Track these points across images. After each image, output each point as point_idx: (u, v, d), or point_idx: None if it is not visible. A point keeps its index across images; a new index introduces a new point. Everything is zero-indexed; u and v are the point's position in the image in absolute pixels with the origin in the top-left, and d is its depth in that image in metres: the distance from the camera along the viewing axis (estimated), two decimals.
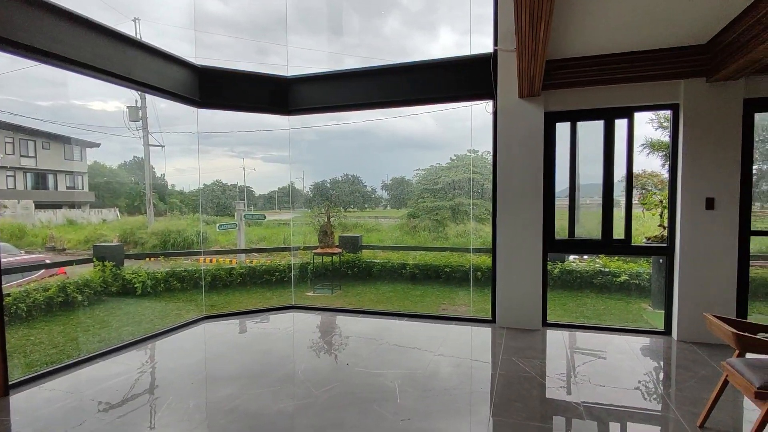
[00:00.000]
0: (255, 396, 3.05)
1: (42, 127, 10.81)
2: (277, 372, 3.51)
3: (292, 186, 12.83)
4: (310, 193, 13.47)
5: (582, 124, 4.42)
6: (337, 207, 9.58)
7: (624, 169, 4.31)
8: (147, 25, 10.55)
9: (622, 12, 3.43)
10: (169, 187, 13.59)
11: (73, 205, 11.42)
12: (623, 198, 4.35)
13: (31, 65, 3.58)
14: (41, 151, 10.97)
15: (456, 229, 11.11)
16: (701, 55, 3.81)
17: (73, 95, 12.04)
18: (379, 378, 3.33)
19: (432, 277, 8.20)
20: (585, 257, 7.72)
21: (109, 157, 13.44)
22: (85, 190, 11.80)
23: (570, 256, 7.72)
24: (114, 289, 7.20)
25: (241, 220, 9.92)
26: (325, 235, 7.95)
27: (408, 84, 4.95)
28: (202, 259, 9.97)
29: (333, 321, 5.17)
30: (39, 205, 10.45)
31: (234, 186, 14.50)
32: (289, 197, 13.27)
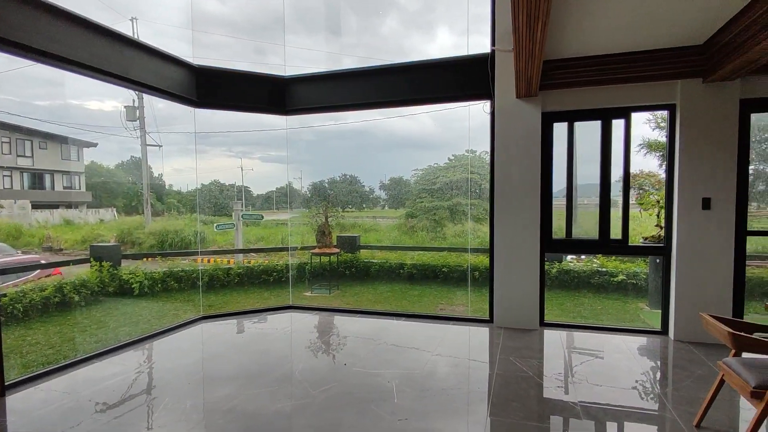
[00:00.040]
0: (252, 396, 3.05)
1: (39, 126, 10.78)
2: (275, 372, 3.50)
3: (290, 186, 12.82)
4: (308, 193, 13.46)
5: (579, 125, 4.44)
6: (335, 207, 9.58)
7: (621, 169, 4.32)
8: (144, 25, 10.54)
9: (620, 12, 3.44)
10: (166, 187, 13.56)
11: (70, 205, 11.37)
12: (620, 198, 4.36)
13: (28, 65, 3.57)
14: (38, 150, 10.92)
15: (454, 229, 11.12)
16: (698, 55, 3.83)
17: (70, 95, 11.99)
18: (377, 378, 3.33)
19: (430, 277, 8.21)
20: (582, 257, 7.74)
21: (106, 156, 13.40)
22: (83, 190, 11.75)
23: (567, 256, 7.74)
24: (111, 289, 7.19)
25: (238, 220, 9.91)
26: (322, 235, 7.95)
27: (406, 84, 4.95)
28: (199, 259, 9.95)
29: (331, 321, 5.17)
30: (36, 205, 10.42)
31: (232, 186, 14.47)
32: (287, 197, 13.25)
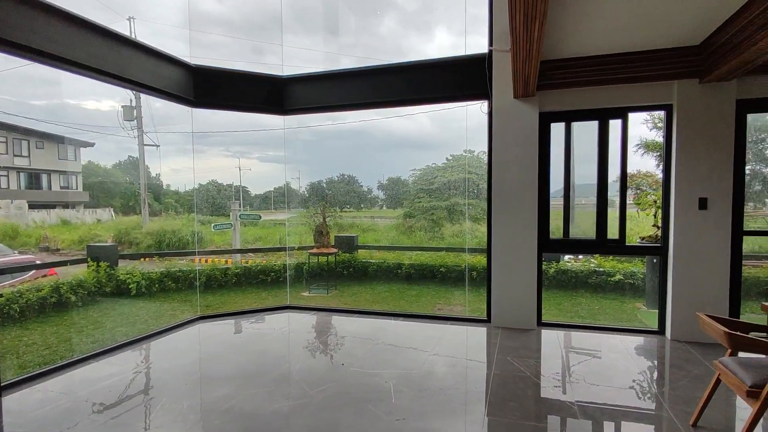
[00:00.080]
0: (250, 396, 3.05)
1: (36, 126, 10.73)
2: (273, 372, 3.50)
3: (287, 186, 12.80)
4: (305, 193, 13.45)
5: (577, 125, 4.45)
6: (332, 207, 9.58)
7: (618, 169, 4.33)
8: (142, 25, 10.49)
9: (617, 13, 3.45)
10: (164, 187, 13.51)
11: (67, 205, 11.32)
12: (618, 198, 4.38)
13: (24, 64, 3.55)
14: (35, 150, 10.86)
15: (452, 229, 11.13)
16: (694, 56, 3.84)
17: (67, 94, 11.95)
18: (375, 378, 3.33)
19: (428, 277, 8.21)
20: (580, 257, 7.76)
21: (103, 156, 13.35)
22: (80, 189, 11.70)
23: (565, 256, 7.76)
24: (108, 289, 7.16)
25: (236, 220, 9.90)
26: (320, 235, 7.94)
27: (404, 84, 4.95)
28: (197, 260, 9.93)
29: (328, 321, 5.17)
30: (32, 205, 10.36)
31: (229, 186, 14.45)
32: (284, 197, 13.23)
